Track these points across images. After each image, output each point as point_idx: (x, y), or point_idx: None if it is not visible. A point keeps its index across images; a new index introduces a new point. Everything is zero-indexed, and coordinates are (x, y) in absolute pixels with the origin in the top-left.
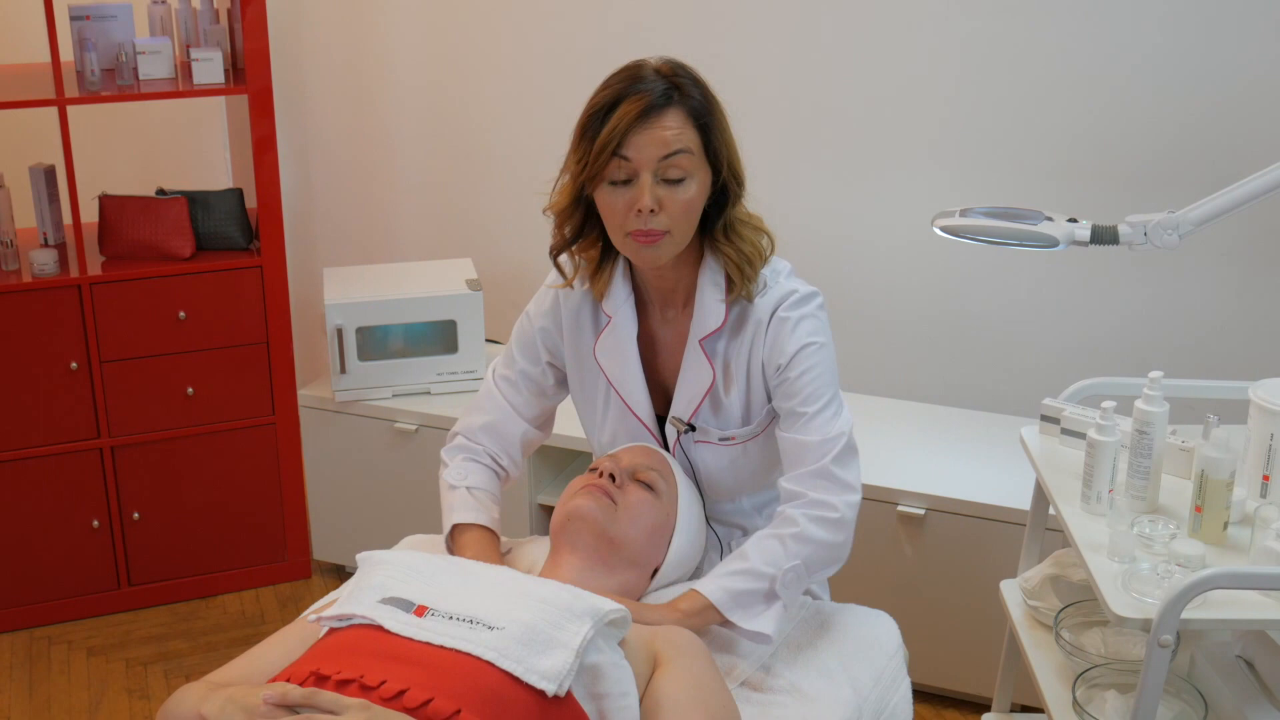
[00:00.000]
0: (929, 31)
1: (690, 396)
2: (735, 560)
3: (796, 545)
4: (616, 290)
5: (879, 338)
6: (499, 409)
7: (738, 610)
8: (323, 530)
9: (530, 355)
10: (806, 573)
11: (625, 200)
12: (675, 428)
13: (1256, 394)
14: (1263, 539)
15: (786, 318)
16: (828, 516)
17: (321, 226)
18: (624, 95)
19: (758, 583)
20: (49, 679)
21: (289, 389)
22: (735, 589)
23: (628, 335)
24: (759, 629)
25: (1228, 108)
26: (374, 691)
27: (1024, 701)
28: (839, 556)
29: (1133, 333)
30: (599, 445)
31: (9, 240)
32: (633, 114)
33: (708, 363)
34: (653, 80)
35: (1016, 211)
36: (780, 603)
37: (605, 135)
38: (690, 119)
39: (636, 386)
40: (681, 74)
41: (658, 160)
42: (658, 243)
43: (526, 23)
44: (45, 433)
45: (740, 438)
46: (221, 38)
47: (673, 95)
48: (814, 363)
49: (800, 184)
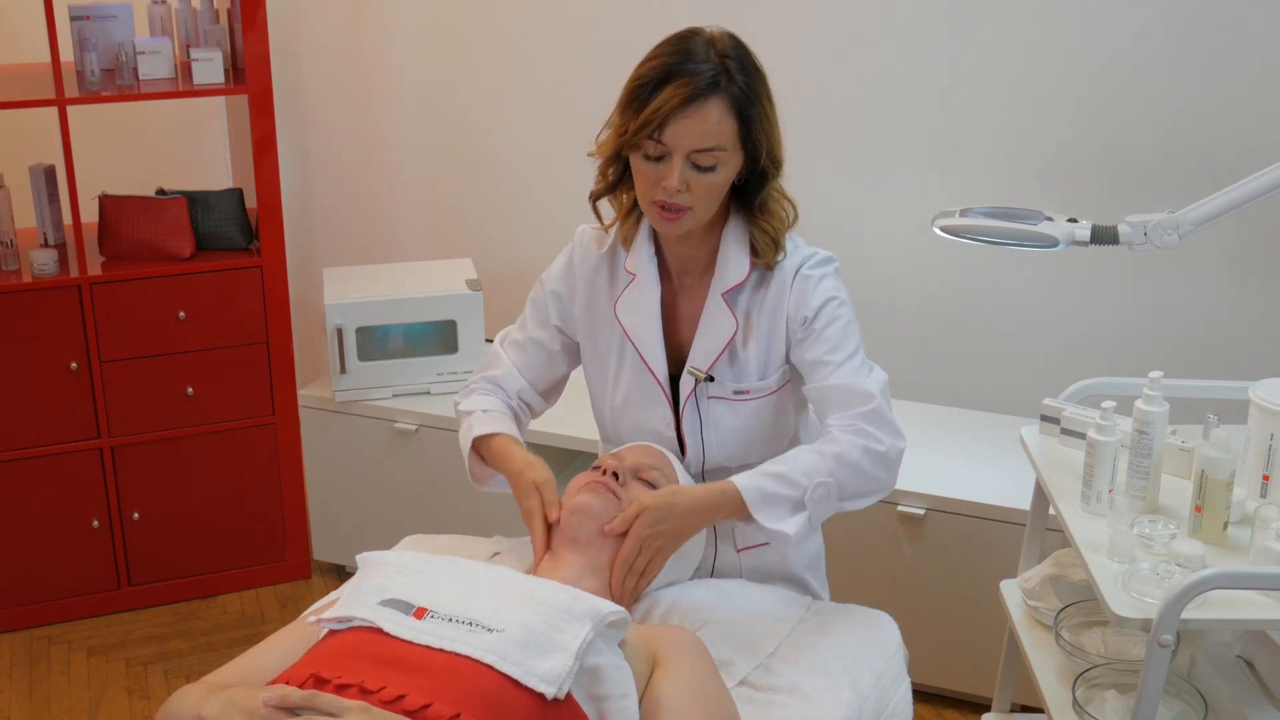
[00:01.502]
0: (929, 31)
1: (710, 348)
2: (773, 463)
3: (834, 464)
4: (640, 249)
5: (879, 338)
6: (503, 367)
7: (764, 509)
8: (323, 530)
9: (540, 319)
10: (838, 493)
11: (655, 174)
12: (693, 376)
13: (1256, 394)
14: (1263, 539)
15: (811, 275)
16: (874, 448)
17: (321, 226)
18: (671, 75)
19: (789, 489)
20: (49, 679)
21: (289, 389)
22: (767, 489)
23: (651, 292)
24: (781, 529)
25: (1227, 107)
26: (374, 696)
27: (1024, 701)
28: (875, 489)
29: (1133, 333)
30: (610, 409)
31: (9, 240)
32: (675, 101)
33: (730, 313)
34: (702, 59)
35: (1016, 211)
36: (806, 513)
37: (646, 115)
38: (732, 110)
39: (654, 341)
40: (733, 54)
41: (691, 150)
42: (679, 219)
43: (526, 23)
44: (45, 433)
45: (755, 392)
46: (221, 38)
47: (719, 82)
48: (839, 314)
49: (800, 184)
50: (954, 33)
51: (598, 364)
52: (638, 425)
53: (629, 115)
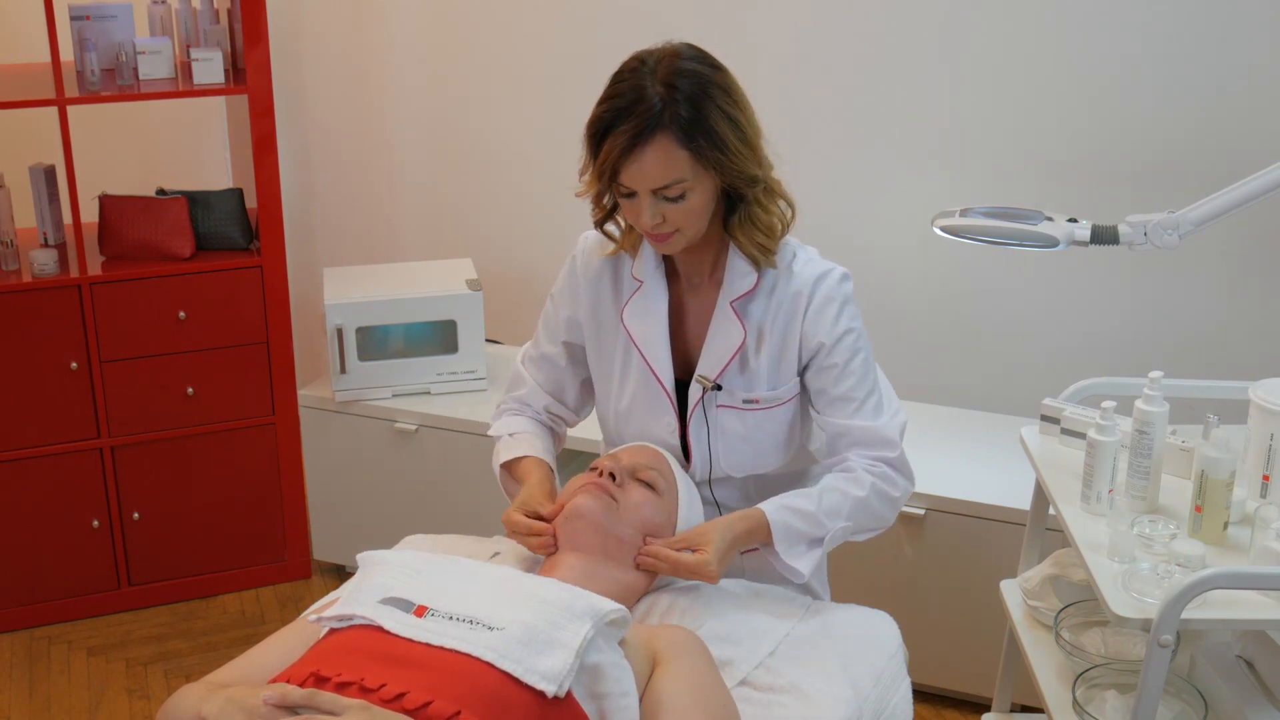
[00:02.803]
0: (929, 32)
1: (719, 356)
2: (802, 499)
3: (856, 509)
4: (647, 257)
5: (879, 338)
6: (527, 386)
7: (785, 543)
8: (323, 530)
9: (550, 334)
10: (851, 533)
11: (632, 209)
12: (701, 384)
13: (1256, 394)
14: (1263, 539)
15: (834, 298)
16: (890, 493)
17: (321, 226)
18: (615, 120)
19: (813, 529)
20: (49, 679)
21: (289, 389)
22: (794, 526)
23: (659, 299)
24: (798, 566)
25: (1227, 108)
26: (374, 694)
27: (1024, 701)
28: (878, 527)
29: (1133, 333)
30: (615, 414)
31: (9, 240)
32: (618, 148)
33: (739, 322)
34: (642, 96)
35: (1016, 211)
36: (821, 549)
37: (599, 165)
38: (681, 141)
39: (661, 349)
40: (679, 80)
41: (651, 188)
42: (670, 241)
43: (526, 23)
44: (45, 433)
45: (765, 402)
46: (221, 38)
47: (662, 118)
48: (859, 347)
49: (800, 184)
50: (954, 33)
51: (602, 368)
52: (642, 432)
53: (591, 159)
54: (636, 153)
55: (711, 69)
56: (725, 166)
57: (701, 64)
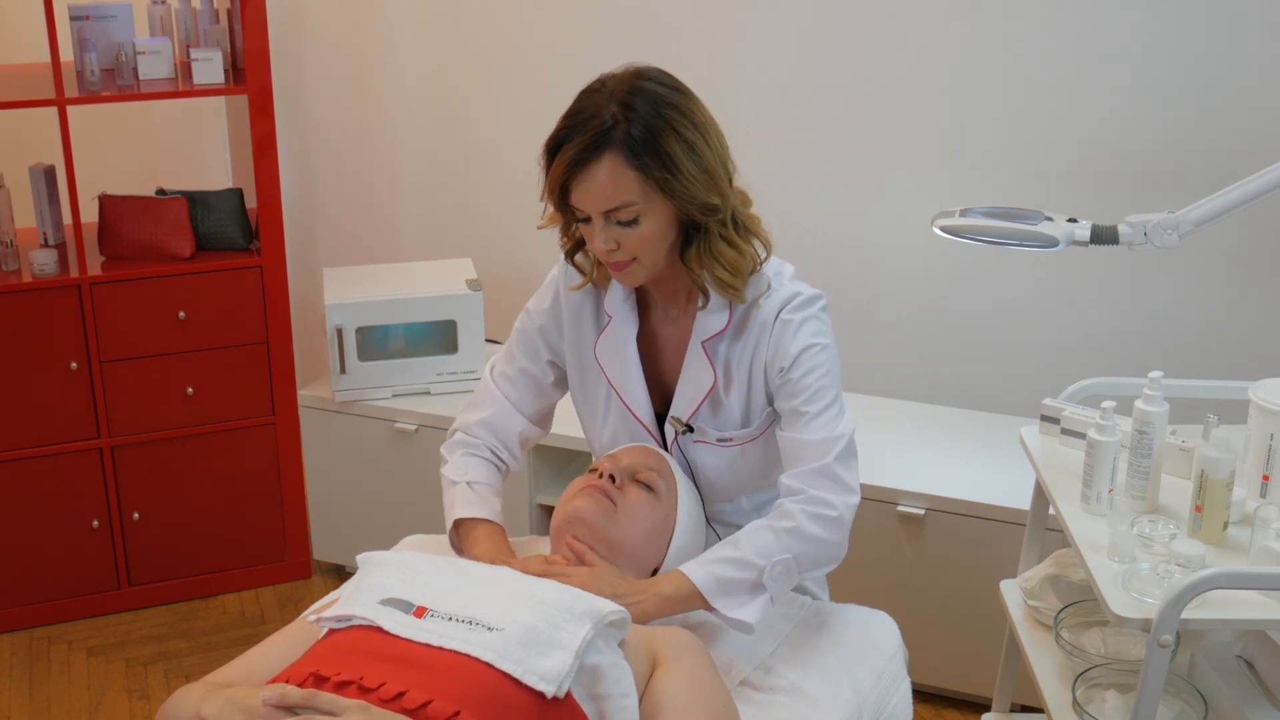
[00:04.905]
0: (929, 32)
1: (690, 398)
2: (727, 547)
3: (790, 539)
4: (616, 289)
5: (879, 338)
6: (497, 405)
7: (722, 598)
8: (323, 530)
9: (530, 353)
10: (796, 568)
11: (588, 233)
12: (674, 427)
13: (1256, 394)
14: (1263, 539)
15: (790, 320)
16: (825, 514)
17: (321, 226)
18: (565, 139)
19: (745, 572)
20: (49, 679)
21: (289, 389)
22: (723, 576)
23: (627, 335)
24: (742, 618)
25: (1228, 108)
26: (373, 693)
27: (1024, 701)
28: (833, 556)
29: (1133, 333)
30: (599, 445)
31: (9, 240)
32: (562, 167)
33: (709, 364)
34: (595, 114)
35: (1016, 211)
36: (766, 594)
37: (549, 184)
38: (629, 162)
39: (636, 386)
40: (636, 101)
41: (601, 210)
42: (628, 270)
43: (526, 22)
44: (45, 433)
45: (739, 440)
46: (221, 38)
47: (611, 137)
48: (817, 363)
49: (800, 184)
50: (954, 33)
51: (586, 401)
52: None
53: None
54: (584, 170)
55: (672, 90)
56: (676, 191)
57: (662, 85)
